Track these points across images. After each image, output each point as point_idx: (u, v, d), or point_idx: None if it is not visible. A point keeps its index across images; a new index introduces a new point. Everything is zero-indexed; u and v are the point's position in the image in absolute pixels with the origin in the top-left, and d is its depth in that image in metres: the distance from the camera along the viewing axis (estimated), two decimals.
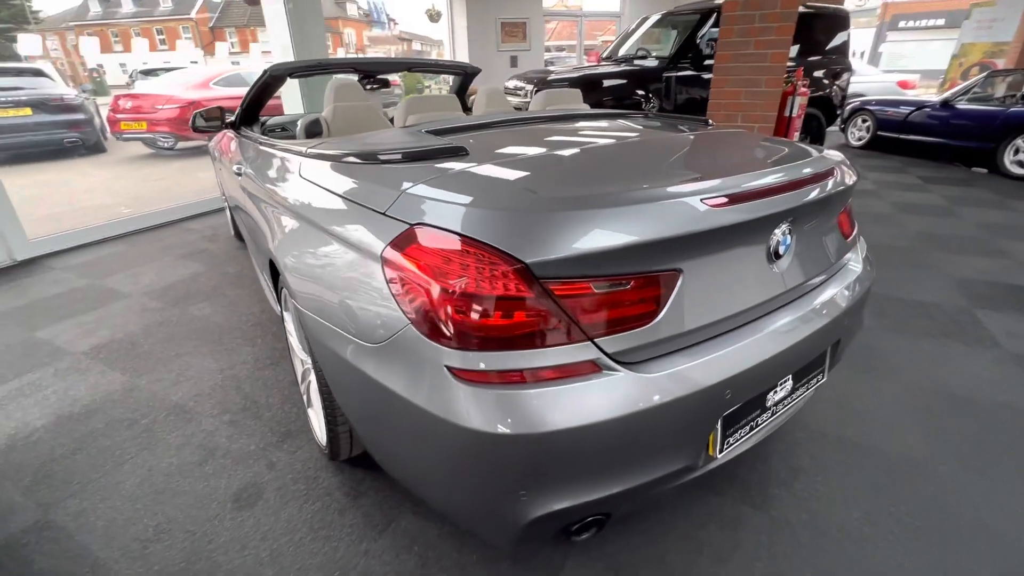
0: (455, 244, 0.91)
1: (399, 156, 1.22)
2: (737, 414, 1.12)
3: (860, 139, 7.59)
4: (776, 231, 1.10)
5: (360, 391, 1.10)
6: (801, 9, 5.47)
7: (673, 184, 1.01)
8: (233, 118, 2.70)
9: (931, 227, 4.06)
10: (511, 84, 5.73)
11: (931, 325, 2.53)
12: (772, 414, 1.23)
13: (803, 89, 3.33)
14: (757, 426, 1.20)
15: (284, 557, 1.36)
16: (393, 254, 0.98)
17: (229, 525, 1.46)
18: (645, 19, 6.06)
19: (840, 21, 5.78)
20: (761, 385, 1.13)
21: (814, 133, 5.91)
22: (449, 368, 0.90)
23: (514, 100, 5.55)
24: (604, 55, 6.24)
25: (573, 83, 5.05)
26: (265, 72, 2.46)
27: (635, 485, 1.00)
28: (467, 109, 3.34)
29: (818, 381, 1.36)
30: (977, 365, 2.19)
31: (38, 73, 8.12)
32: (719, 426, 1.08)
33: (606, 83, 5.19)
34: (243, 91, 2.81)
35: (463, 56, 8.44)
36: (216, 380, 2.15)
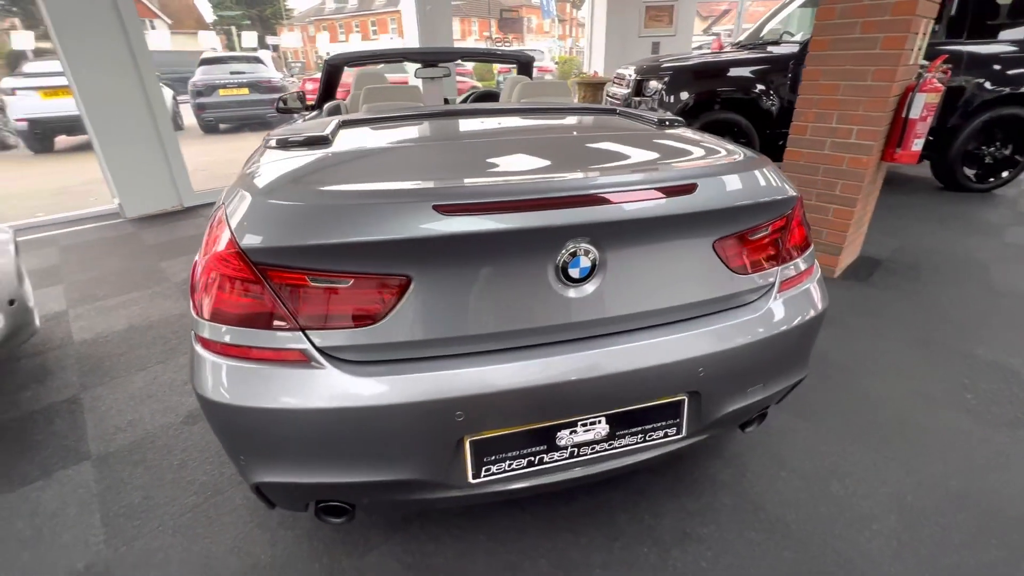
0: (218, 224, 1.00)
1: (282, 143, 1.34)
2: (500, 442, 1.03)
3: None
4: (564, 250, 0.96)
5: None
6: None
7: (416, 185, 0.95)
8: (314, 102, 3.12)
9: None
10: (621, 71, 5.45)
11: (1017, 411, 1.84)
12: (572, 456, 1.09)
13: (934, 84, 2.53)
14: (543, 463, 1.07)
15: (186, 468, 1.65)
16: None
17: (172, 433, 1.81)
18: None
19: None
20: (532, 418, 1.01)
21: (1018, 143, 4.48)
22: (194, 331, 1.01)
23: (617, 90, 5.29)
24: (739, 40, 5.53)
25: (680, 72, 4.61)
26: (325, 62, 2.80)
27: (360, 481, 1.00)
28: None
29: (668, 437, 1.15)
30: None
31: (257, 60, 10.20)
32: (468, 449, 1.01)
33: (725, 73, 4.62)
34: (402, 75, 3.19)
35: (599, 42, 8.21)
36: None
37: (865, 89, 2.55)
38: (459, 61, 3.26)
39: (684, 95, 4.47)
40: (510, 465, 1.06)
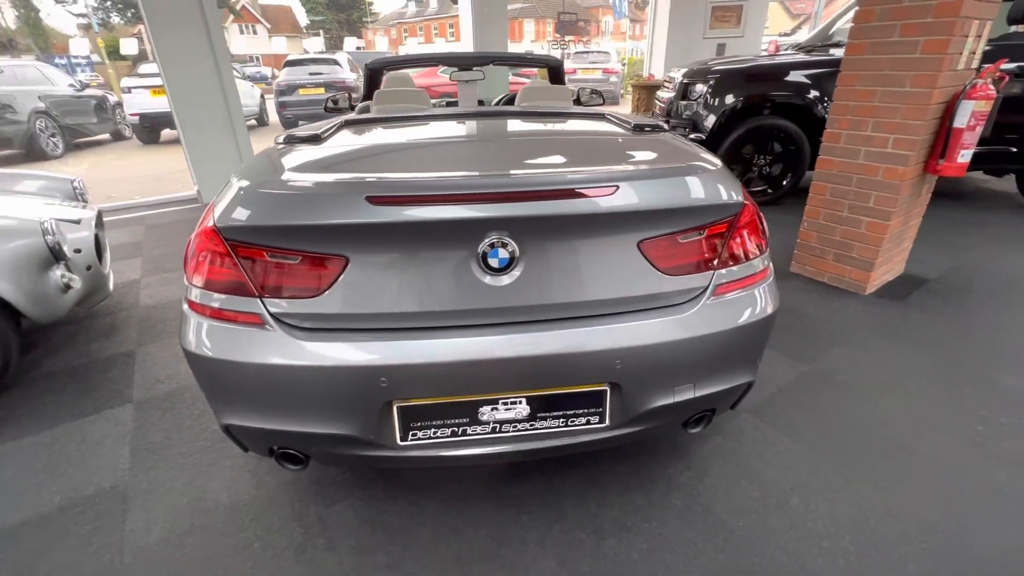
0: (209, 206, 1.21)
1: (286, 139, 1.54)
2: (426, 410, 1.15)
3: None
4: (484, 241, 1.06)
5: None
6: None
7: (355, 178, 1.09)
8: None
9: None
10: (672, 74, 5.35)
11: None
12: (495, 431, 1.18)
13: (987, 90, 2.29)
14: (467, 435, 1.18)
15: (203, 417, 1.91)
16: None
17: (199, 389, 2.09)
18: None
19: None
20: (453, 391, 1.12)
21: None
22: (184, 294, 1.22)
23: (664, 94, 5.20)
24: (801, 42, 5.25)
25: (729, 75, 4.47)
26: (365, 66, 3.05)
27: (305, 432, 1.16)
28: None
29: (591, 425, 1.21)
30: None
31: (334, 62, 10.94)
32: (396, 414, 1.14)
33: (778, 76, 4.41)
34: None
35: (660, 41, 8.06)
36: None
37: (903, 96, 2.40)
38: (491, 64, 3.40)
39: (730, 98, 4.33)
40: (435, 433, 1.17)
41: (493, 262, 1.07)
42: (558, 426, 1.21)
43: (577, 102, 3.56)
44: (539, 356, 1.10)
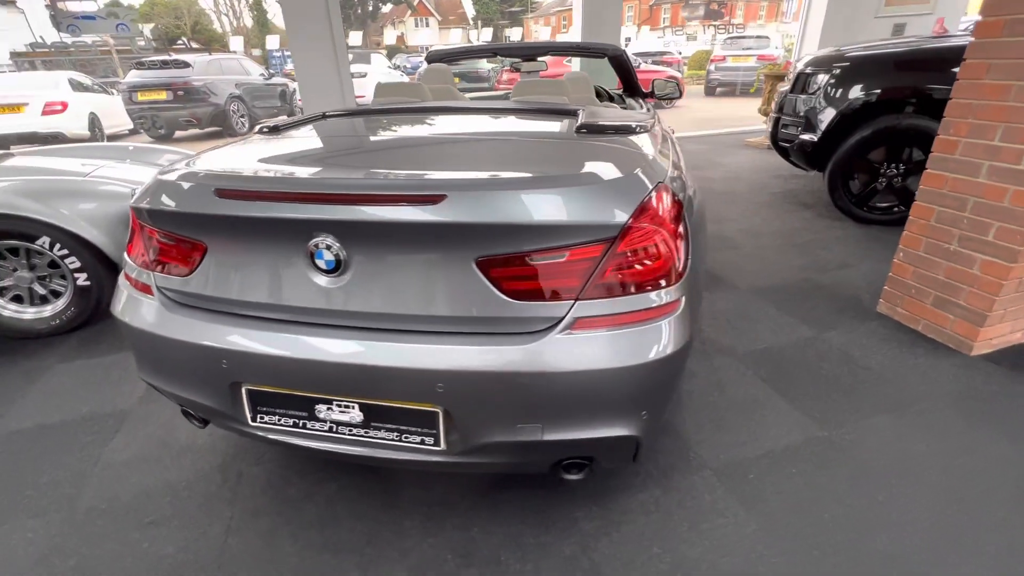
0: None
1: (259, 129, 1.70)
2: (269, 397, 1.19)
3: None
4: (311, 242, 1.05)
5: None
6: None
7: (209, 171, 1.16)
8: None
9: None
10: (799, 62, 4.55)
11: None
12: (331, 431, 1.18)
13: None
14: (306, 428, 1.20)
15: None
16: None
17: None
18: None
19: None
20: (287, 384, 1.15)
21: None
22: None
23: (782, 88, 4.48)
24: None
25: (863, 62, 3.65)
26: (425, 59, 3.18)
27: (184, 397, 1.29)
28: (634, 92, 3.18)
29: (425, 445, 1.14)
30: None
31: None
32: (244, 395, 1.20)
33: (936, 66, 3.47)
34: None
35: (815, 22, 6.87)
36: None
37: None
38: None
39: (857, 91, 3.53)
40: (279, 420, 1.22)
41: (320, 263, 1.07)
42: (393, 439, 1.16)
43: (651, 94, 3.26)
44: (363, 365, 1.07)
